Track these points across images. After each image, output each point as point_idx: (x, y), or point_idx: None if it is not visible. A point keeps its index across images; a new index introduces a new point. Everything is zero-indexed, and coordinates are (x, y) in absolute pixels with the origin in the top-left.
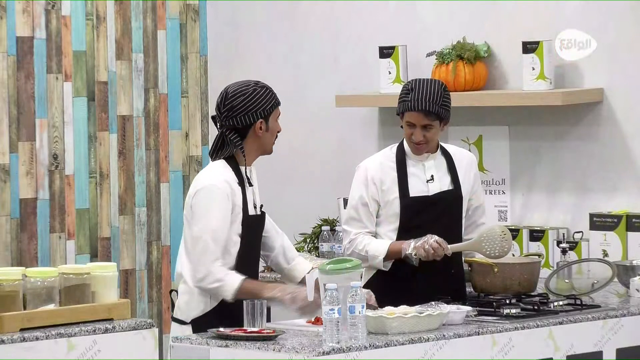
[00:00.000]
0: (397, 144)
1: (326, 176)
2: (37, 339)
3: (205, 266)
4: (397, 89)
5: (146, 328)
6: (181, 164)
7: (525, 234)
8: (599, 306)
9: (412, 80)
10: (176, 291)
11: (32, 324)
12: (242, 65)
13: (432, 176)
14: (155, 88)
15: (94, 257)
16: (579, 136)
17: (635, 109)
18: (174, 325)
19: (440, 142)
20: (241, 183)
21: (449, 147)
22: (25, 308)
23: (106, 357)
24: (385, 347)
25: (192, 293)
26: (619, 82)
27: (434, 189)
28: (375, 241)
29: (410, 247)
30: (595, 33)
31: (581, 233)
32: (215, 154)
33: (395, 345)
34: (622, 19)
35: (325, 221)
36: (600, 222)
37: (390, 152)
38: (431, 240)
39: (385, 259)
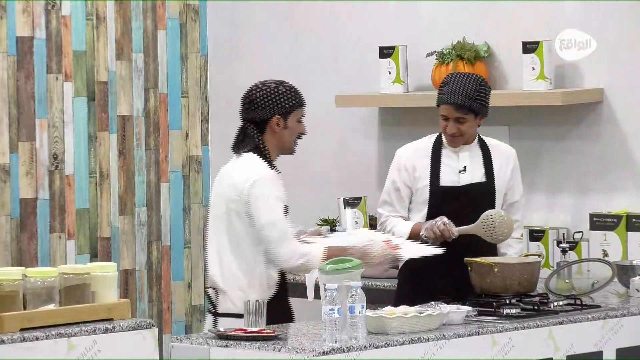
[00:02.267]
0: (437, 134)
1: (326, 176)
2: (37, 339)
3: (286, 247)
4: (397, 89)
5: (146, 328)
6: (181, 164)
7: (525, 234)
8: (599, 306)
9: (450, 74)
10: (213, 288)
11: (32, 324)
12: (242, 65)
13: (464, 167)
14: (155, 88)
15: (94, 257)
16: (579, 136)
17: (635, 109)
18: (223, 320)
19: (480, 135)
20: None
21: (489, 140)
22: (25, 308)
23: (106, 357)
24: (385, 347)
25: (249, 286)
26: (619, 82)
27: (464, 180)
28: (402, 223)
29: (423, 228)
30: (595, 33)
31: (581, 233)
32: (236, 146)
33: (395, 345)
34: (622, 19)
35: (325, 221)
36: (600, 222)
37: (427, 141)
38: (439, 222)
39: (409, 240)
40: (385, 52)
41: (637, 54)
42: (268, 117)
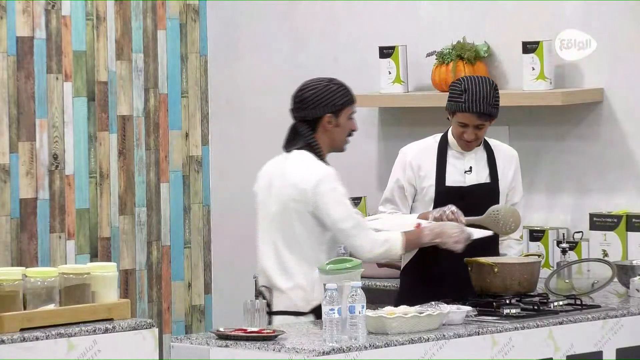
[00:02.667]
0: (441, 135)
1: None
2: (37, 339)
3: (365, 237)
4: (397, 89)
5: (146, 328)
6: (181, 164)
7: (525, 234)
8: (599, 306)
9: (464, 79)
10: (266, 287)
11: (32, 324)
12: (242, 65)
13: (470, 167)
14: (155, 88)
15: (94, 257)
16: (579, 136)
17: (635, 109)
18: (279, 318)
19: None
20: None
21: (492, 142)
22: (25, 308)
23: (106, 357)
24: (385, 347)
25: (311, 285)
26: (619, 82)
27: (470, 180)
28: (406, 215)
29: (431, 217)
30: (595, 33)
31: (581, 233)
32: (287, 145)
33: (395, 345)
34: (622, 19)
35: None
36: (600, 222)
37: (433, 141)
38: (448, 211)
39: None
40: (385, 52)
41: (637, 54)
42: (320, 116)
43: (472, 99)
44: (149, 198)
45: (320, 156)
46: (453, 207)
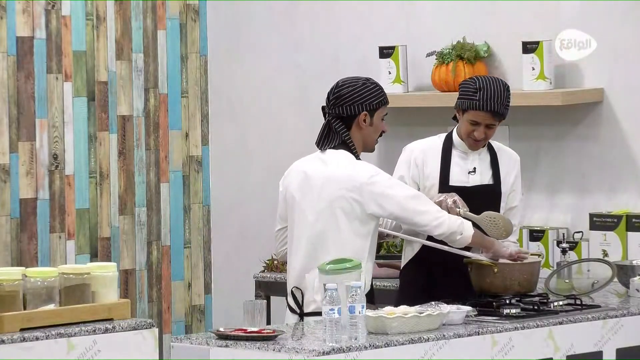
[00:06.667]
0: (446, 134)
1: None
2: (37, 339)
3: (439, 212)
4: (397, 89)
5: (146, 328)
6: (181, 164)
7: (525, 234)
8: (599, 306)
9: (478, 78)
10: (298, 289)
11: (32, 324)
12: (242, 65)
13: (474, 168)
14: (155, 88)
15: (94, 257)
16: (579, 136)
17: (635, 109)
18: (311, 319)
19: None
20: None
21: (495, 144)
22: (25, 308)
23: (106, 357)
24: (385, 347)
25: None
26: (619, 82)
27: (474, 181)
28: None
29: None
30: (595, 33)
31: (581, 233)
32: (321, 142)
33: (395, 345)
34: (622, 19)
35: None
36: (600, 222)
37: (438, 140)
38: (450, 200)
39: None
40: (385, 52)
41: (637, 54)
42: (356, 113)
43: (486, 98)
44: (149, 198)
45: (356, 155)
46: (456, 197)
